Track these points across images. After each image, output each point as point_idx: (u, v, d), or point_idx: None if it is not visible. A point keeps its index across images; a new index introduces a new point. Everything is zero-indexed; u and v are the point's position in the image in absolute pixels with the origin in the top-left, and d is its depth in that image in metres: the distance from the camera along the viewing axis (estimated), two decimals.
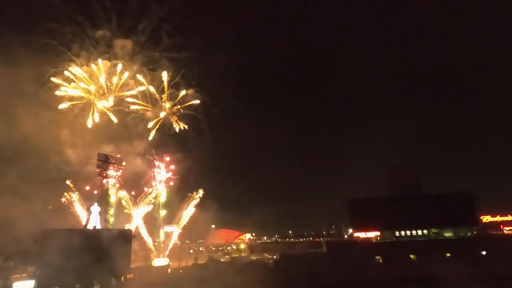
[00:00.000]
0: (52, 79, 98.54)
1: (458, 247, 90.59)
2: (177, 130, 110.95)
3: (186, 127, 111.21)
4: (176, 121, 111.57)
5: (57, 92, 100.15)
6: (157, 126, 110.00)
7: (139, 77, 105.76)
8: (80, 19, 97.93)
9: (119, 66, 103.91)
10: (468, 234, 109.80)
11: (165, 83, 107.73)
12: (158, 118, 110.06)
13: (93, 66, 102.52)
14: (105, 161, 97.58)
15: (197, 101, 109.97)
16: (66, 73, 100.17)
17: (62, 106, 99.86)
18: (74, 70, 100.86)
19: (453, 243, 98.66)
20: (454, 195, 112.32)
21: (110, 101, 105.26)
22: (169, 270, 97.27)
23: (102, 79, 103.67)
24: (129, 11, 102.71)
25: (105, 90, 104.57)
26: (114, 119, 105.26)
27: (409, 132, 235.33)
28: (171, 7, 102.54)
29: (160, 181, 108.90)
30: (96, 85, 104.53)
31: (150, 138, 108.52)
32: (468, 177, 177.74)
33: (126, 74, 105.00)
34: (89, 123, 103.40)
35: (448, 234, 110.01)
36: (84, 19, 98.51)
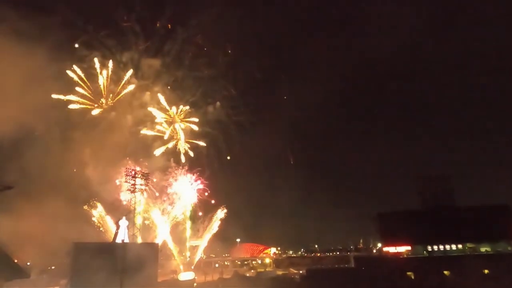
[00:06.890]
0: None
1: (497, 264, 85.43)
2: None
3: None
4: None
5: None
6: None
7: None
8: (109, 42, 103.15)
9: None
10: (508, 249, 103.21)
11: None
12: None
13: None
14: (133, 176, 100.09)
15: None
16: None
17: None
18: None
19: (491, 259, 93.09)
20: (491, 207, 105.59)
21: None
22: (195, 284, 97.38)
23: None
24: (154, 33, 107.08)
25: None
26: None
27: (440, 136, 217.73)
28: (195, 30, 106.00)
29: (186, 196, 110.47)
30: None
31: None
32: (506, 188, 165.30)
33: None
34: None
35: (485, 249, 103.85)
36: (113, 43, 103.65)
